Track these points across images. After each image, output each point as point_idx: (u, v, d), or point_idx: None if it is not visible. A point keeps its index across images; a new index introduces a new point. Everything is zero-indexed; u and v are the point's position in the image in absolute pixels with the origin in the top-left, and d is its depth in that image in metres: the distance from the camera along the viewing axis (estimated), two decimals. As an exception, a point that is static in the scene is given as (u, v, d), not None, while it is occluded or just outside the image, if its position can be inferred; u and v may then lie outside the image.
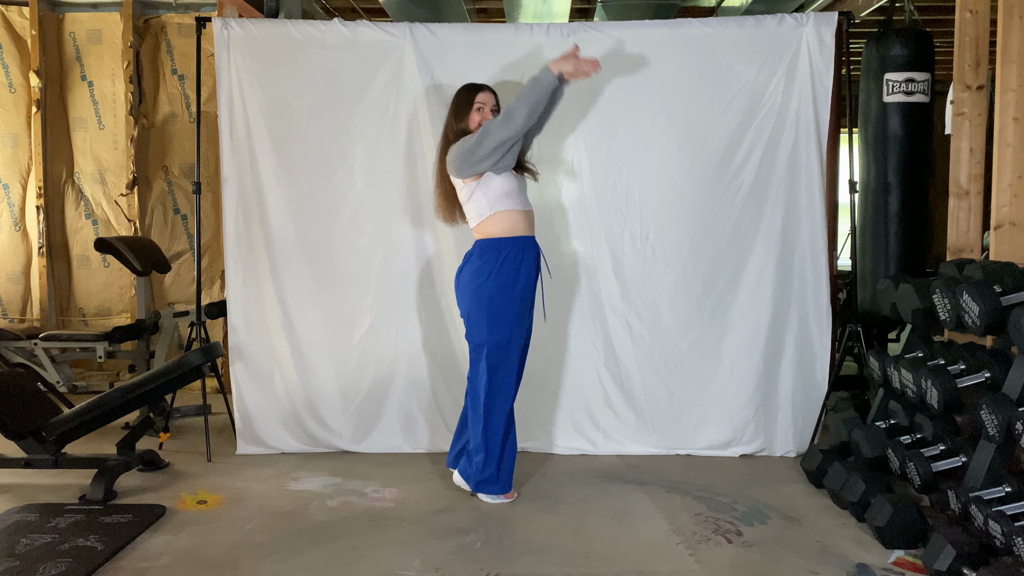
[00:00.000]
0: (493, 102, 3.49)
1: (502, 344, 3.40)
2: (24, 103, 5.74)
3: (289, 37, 4.11)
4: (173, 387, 3.93)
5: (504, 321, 3.39)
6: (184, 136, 5.74)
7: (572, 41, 4.02)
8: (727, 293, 4.10)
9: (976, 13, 3.90)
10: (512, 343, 3.41)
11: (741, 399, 4.10)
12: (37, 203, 5.73)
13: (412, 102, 4.08)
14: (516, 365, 3.46)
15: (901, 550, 2.93)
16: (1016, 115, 3.61)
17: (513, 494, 3.50)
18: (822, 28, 4.00)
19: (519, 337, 3.43)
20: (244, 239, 4.16)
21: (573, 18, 6.37)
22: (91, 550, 2.90)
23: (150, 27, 5.75)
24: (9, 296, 5.84)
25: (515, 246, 3.39)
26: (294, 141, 4.12)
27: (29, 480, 3.74)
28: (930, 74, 4.49)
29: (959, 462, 3.03)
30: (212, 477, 3.83)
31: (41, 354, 5.01)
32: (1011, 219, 3.65)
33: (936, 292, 3.17)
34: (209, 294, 5.54)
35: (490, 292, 3.37)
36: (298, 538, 3.10)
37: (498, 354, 3.42)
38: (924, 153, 4.55)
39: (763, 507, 3.41)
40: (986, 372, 2.97)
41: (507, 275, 3.37)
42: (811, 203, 4.06)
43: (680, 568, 2.84)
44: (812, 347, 4.11)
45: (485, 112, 3.45)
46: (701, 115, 4.06)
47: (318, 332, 4.17)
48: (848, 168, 4.39)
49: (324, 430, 4.19)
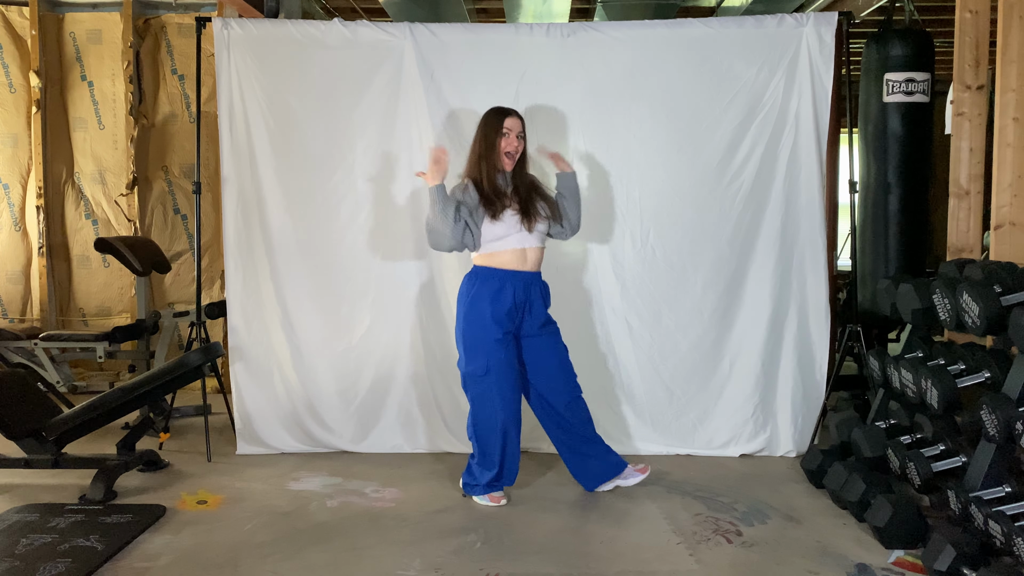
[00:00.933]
0: (519, 128, 3.46)
1: (479, 374, 3.38)
2: (24, 103, 5.74)
3: (289, 37, 4.11)
4: (173, 387, 3.94)
5: (477, 350, 3.37)
6: (184, 136, 5.74)
7: (572, 42, 4.05)
8: (727, 293, 4.11)
9: (976, 13, 3.90)
10: (490, 375, 3.36)
11: (741, 399, 4.11)
12: (37, 203, 5.73)
13: (412, 102, 4.08)
14: (498, 394, 3.37)
15: (901, 550, 2.92)
16: (1016, 115, 3.61)
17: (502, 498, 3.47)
18: (822, 28, 4.01)
19: (498, 372, 3.35)
20: (244, 239, 4.16)
21: (573, 18, 6.37)
22: (91, 550, 2.90)
23: (150, 27, 5.76)
24: (9, 296, 5.84)
25: (493, 277, 3.38)
26: (294, 141, 4.12)
27: (29, 480, 3.74)
28: (930, 74, 4.49)
29: (959, 462, 3.02)
30: (212, 477, 3.83)
31: (41, 354, 5.01)
32: (1011, 219, 3.65)
33: (936, 292, 3.17)
34: (209, 294, 5.54)
35: (463, 319, 3.40)
36: (298, 538, 3.10)
37: (476, 385, 3.41)
38: (924, 153, 4.55)
39: (763, 507, 3.41)
40: (986, 372, 2.97)
41: (481, 303, 3.36)
42: (811, 203, 4.07)
43: (680, 568, 2.84)
44: (812, 347, 4.11)
45: (511, 139, 3.42)
46: (701, 115, 4.06)
47: (318, 332, 4.17)
48: (848, 168, 4.39)
49: (324, 430, 4.19)
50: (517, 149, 3.45)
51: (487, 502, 3.45)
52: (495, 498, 3.45)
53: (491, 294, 3.37)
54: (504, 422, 3.40)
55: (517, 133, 3.45)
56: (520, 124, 3.47)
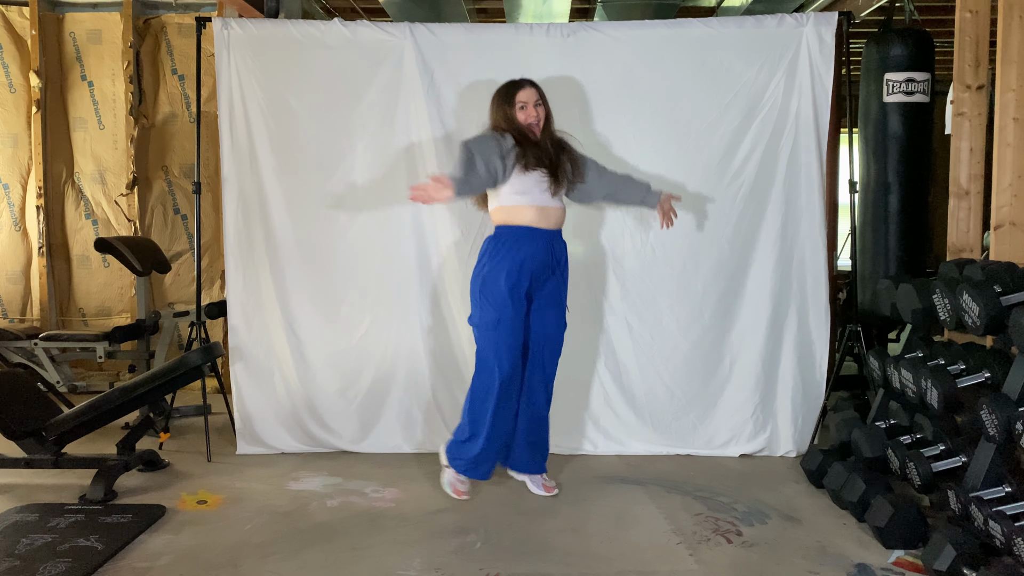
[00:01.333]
0: (535, 97, 3.43)
1: (491, 324, 3.39)
2: (24, 103, 5.74)
3: (289, 37, 4.11)
4: (173, 387, 3.93)
5: (493, 301, 3.38)
6: (184, 136, 5.74)
7: (572, 42, 4.05)
8: (727, 293, 4.11)
9: (976, 13, 3.90)
10: (502, 323, 3.37)
11: (741, 399, 4.11)
12: (37, 203, 5.73)
13: (412, 102, 4.08)
14: (506, 348, 3.38)
15: (901, 550, 2.93)
16: (1016, 115, 3.61)
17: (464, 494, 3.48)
18: (822, 28, 4.01)
19: (509, 319, 3.37)
20: (244, 239, 4.16)
21: (573, 18, 6.37)
22: (91, 550, 2.90)
23: (150, 27, 5.76)
24: (9, 296, 5.84)
25: (513, 233, 3.40)
26: (294, 141, 4.12)
27: (29, 480, 3.74)
28: (930, 74, 4.49)
29: (959, 462, 3.02)
30: (212, 477, 3.83)
31: (41, 354, 5.01)
32: (1011, 219, 3.65)
33: (936, 292, 3.17)
34: (209, 294, 5.54)
35: (483, 273, 3.41)
36: (298, 538, 3.10)
37: (487, 334, 3.41)
38: (924, 153, 4.55)
39: (763, 507, 3.41)
40: (986, 372, 2.97)
41: (500, 257, 3.38)
42: (811, 203, 4.06)
43: (680, 568, 2.84)
44: (812, 347, 4.11)
45: (528, 110, 3.40)
46: (701, 115, 4.06)
47: (318, 332, 4.17)
48: (848, 168, 4.39)
49: (324, 430, 4.19)
50: (539, 118, 3.43)
51: (450, 491, 3.48)
52: (459, 491, 3.48)
53: (512, 251, 3.37)
54: (500, 380, 3.38)
55: (534, 102, 3.42)
56: (535, 93, 3.44)
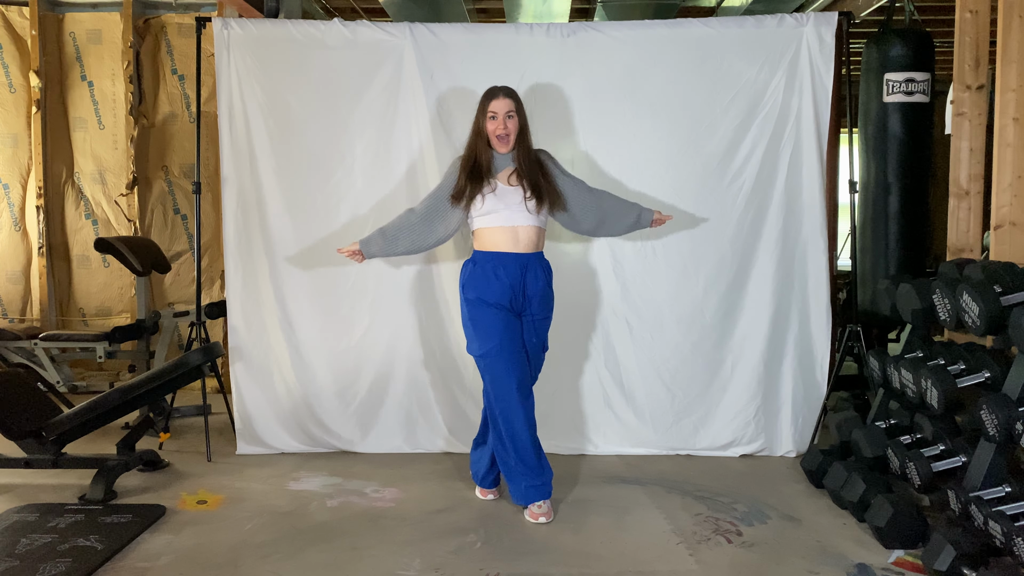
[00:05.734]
0: (508, 107, 3.31)
1: (492, 354, 3.28)
2: (24, 103, 5.74)
3: (289, 37, 4.11)
4: (173, 387, 3.93)
5: (488, 332, 3.28)
6: (184, 136, 5.74)
7: (572, 42, 4.05)
8: (728, 293, 4.10)
9: (976, 13, 3.90)
10: (502, 353, 3.27)
11: (741, 399, 4.10)
12: (37, 203, 5.73)
13: (412, 102, 4.08)
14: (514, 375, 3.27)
15: (901, 550, 2.93)
16: (1016, 115, 3.61)
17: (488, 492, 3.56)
18: (822, 28, 4.01)
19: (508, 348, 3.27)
20: (244, 239, 4.16)
21: (573, 18, 6.37)
22: (91, 550, 2.90)
23: (150, 27, 5.76)
24: (9, 296, 5.84)
25: (488, 260, 3.32)
26: (294, 141, 4.12)
27: (29, 480, 3.74)
28: (930, 74, 4.49)
29: (959, 462, 3.02)
30: (212, 477, 3.83)
31: (41, 354, 5.01)
32: (1011, 219, 3.65)
33: (936, 292, 3.17)
34: (209, 294, 5.54)
35: (464, 303, 3.36)
36: (298, 538, 3.10)
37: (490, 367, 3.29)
38: (924, 153, 4.55)
39: (763, 507, 3.41)
40: (986, 372, 2.97)
41: (479, 287, 3.30)
42: (812, 203, 4.06)
43: (680, 568, 2.84)
44: (812, 347, 4.11)
45: (498, 121, 3.30)
46: (702, 115, 4.06)
47: (318, 332, 4.16)
48: (848, 168, 4.39)
49: (324, 430, 4.19)
50: (507, 130, 3.30)
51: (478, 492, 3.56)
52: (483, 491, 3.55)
53: (485, 277, 3.29)
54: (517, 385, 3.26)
55: (505, 114, 3.29)
56: (509, 104, 3.31)
